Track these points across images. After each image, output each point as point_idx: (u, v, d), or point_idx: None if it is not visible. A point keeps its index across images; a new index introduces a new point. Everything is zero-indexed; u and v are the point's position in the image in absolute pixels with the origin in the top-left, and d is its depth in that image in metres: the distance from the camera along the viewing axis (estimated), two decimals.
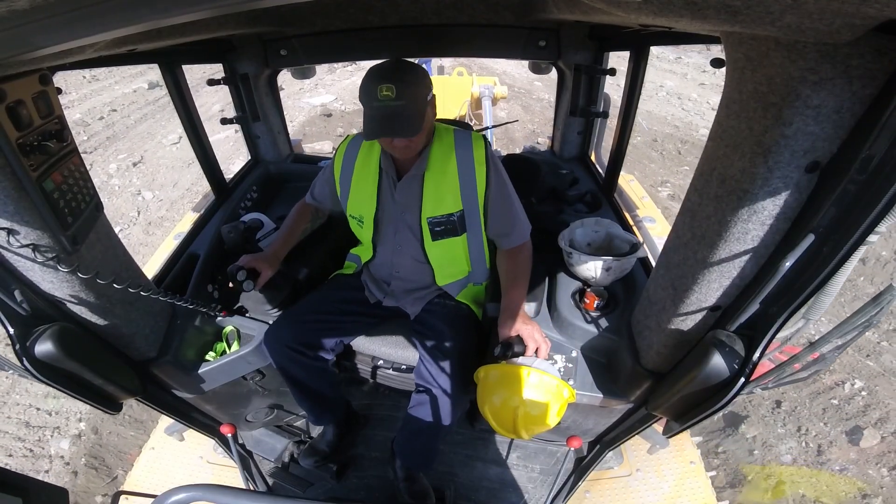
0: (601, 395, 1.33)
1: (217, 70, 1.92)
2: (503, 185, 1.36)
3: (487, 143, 1.36)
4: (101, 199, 1.10)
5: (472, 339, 1.48)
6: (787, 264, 0.72)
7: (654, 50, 1.67)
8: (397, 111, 1.09)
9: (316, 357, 1.48)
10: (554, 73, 2.24)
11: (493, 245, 1.50)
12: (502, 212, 1.37)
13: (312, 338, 1.45)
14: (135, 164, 5.95)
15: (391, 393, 2.00)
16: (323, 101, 7.07)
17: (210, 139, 1.91)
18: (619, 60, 1.69)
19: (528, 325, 1.26)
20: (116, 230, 4.97)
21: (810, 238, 0.69)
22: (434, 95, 1.24)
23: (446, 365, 1.36)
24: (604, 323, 1.37)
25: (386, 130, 1.10)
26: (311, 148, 5.70)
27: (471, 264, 1.47)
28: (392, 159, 1.35)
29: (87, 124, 7.00)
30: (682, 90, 8.43)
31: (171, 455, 1.98)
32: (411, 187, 1.35)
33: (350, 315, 1.53)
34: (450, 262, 1.45)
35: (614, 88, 1.95)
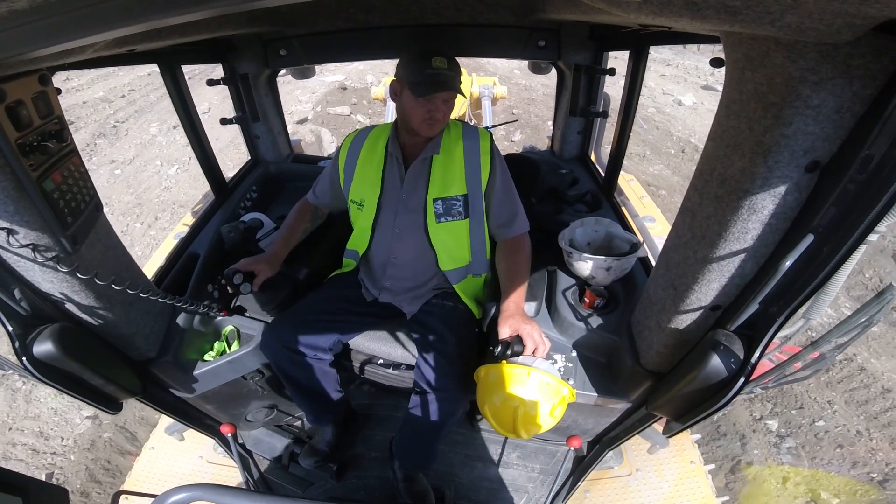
0: (601, 395, 1.32)
1: (217, 69, 1.92)
2: (506, 176, 1.44)
3: (492, 137, 1.44)
4: (152, 151, 1.11)
5: (471, 340, 1.48)
6: (787, 264, 0.72)
7: None
8: (449, 77, 1.27)
9: (314, 357, 1.47)
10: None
11: (493, 242, 1.51)
12: (505, 201, 1.44)
13: (310, 337, 1.45)
14: (174, 127, 6.45)
15: (391, 392, 2.00)
16: (337, 79, 8.71)
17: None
18: (618, 61, 1.69)
19: (528, 325, 1.26)
20: (173, 169, 5.14)
21: (810, 238, 0.69)
22: None
23: (446, 366, 1.36)
24: (603, 322, 1.37)
25: (442, 87, 1.26)
26: (334, 110, 7.18)
27: (471, 253, 1.48)
28: (400, 145, 1.42)
29: (110, 101, 7.69)
30: None
31: (171, 455, 1.97)
32: (421, 169, 1.41)
33: (348, 314, 1.53)
34: (453, 246, 1.46)
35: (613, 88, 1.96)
